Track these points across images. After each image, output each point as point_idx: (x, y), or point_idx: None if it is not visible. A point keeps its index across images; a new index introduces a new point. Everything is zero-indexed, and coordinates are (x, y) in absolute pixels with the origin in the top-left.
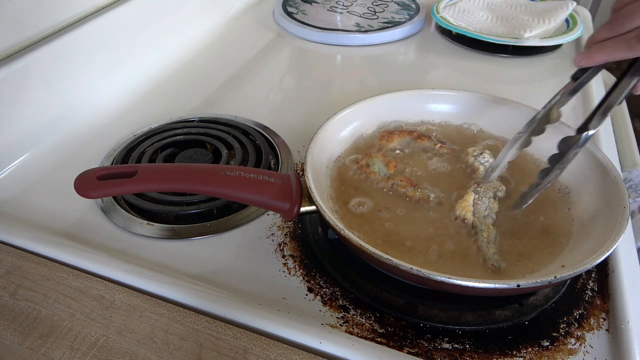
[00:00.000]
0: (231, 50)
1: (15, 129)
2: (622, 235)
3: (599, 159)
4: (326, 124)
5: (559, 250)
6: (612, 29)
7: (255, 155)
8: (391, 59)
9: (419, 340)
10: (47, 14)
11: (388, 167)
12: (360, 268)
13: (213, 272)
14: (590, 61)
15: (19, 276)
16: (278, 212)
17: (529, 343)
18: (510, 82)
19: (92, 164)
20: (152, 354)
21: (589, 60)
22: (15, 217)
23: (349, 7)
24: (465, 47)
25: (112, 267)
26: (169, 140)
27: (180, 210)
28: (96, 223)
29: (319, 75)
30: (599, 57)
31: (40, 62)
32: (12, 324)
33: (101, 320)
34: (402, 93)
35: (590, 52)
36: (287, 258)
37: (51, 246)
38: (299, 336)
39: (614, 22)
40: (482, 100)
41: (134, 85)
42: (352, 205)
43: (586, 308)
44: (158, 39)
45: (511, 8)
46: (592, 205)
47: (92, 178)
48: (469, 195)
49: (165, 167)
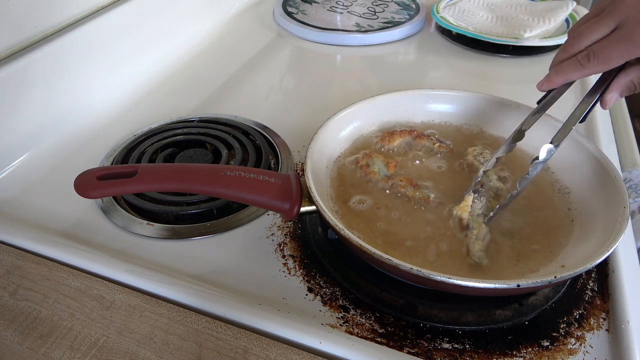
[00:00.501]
0: (231, 50)
1: (15, 129)
2: (622, 235)
3: (599, 159)
4: (326, 124)
5: (559, 250)
6: (566, 51)
7: (255, 155)
8: (391, 59)
9: (419, 340)
10: (47, 14)
11: (388, 167)
12: (360, 268)
13: (213, 272)
14: (550, 84)
15: (19, 276)
16: (278, 212)
17: (529, 343)
18: (510, 82)
19: (92, 164)
20: (152, 354)
21: (549, 83)
22: (15, 217)
23: (349, 7)
24: (465, 47)
25: (112, 267)
26: (169, 140)
27: (180, 210)
28: (96, 223)
29: (319, 75)
30: (557, 79)
31: (40, 62)
32: (12, 324)
33: (101, 320)
34: (402, 93)
35: (549, 75)
36: (287, 258)
37: (51, 246)
38: (299, 336)
39: (567, 44)
40: (482, 100)
41: (134, 85)
42: (352, 205)
43: (586, 308)
44: (158, 39)
45: (511, 8)
46: (592, 205)
47: (92, 178)
48: (469, 197)
49: (165, 167)
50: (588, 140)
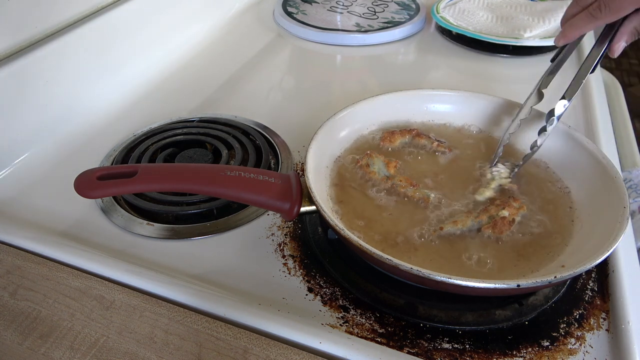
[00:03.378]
0: (231, 50)
1: (15, 129)
2: (622, 235)
3: (599, 159)
4: (326, 124)
5: (559, 250)
6: (577, 5)
7: (255, 155)
8: (391, 59)
9: (419, 340)
10: (47, 14)
11: (388, 167)
12: (360, 268)
13: (213, 272)
14: (566, 39)
15: (19, 276)
16: (278, 212)
17: (529, 343)
18: (510, 82)
19: (92, 164)
20: (152, 354)
21: (565, 38)
22: (15, 217)
23: (349, 7)
24: (465, 47)
25: (112, 267)
26: (169, 140)
27: (180, 210)
28: (96, 223)
29: (319, 75)
30: (572, 33)
31: (40, 62)
32: (12, 324)
33: (101, 320)
34: (402, 93)
35: (564, 30)
36: (287, 258)
37: (51, 246)
38: (299, 336)
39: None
40: (482, 100)
41: (134, 85)
42: (352, 205)
43: (586, 308)
44: (158, 38)
45: (511, 8)
46: (592, 205)
47: (92, 178)
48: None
49: (165, 167)
50: (588, 141)
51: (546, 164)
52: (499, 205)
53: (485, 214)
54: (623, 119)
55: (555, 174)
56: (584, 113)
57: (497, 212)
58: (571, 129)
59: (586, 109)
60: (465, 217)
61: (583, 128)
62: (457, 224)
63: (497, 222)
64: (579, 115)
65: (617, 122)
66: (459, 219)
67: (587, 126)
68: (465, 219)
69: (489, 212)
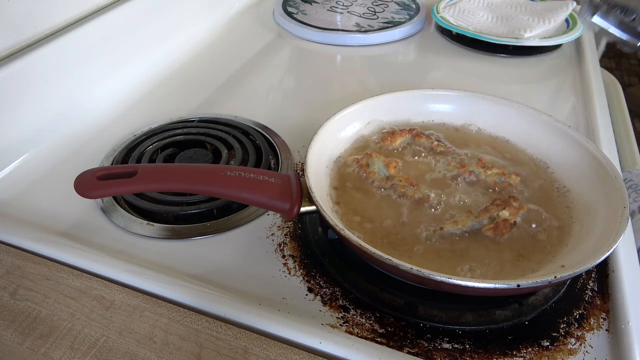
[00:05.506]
0: (231, 50)
1: (15, 129)
2: (622, 235)
3: (599, 159)
4: (326, 124)
5: (558, 250)
6: None
7: (255, 155)
8: (391, 59)
9: (419, 340)
10: (47, 14)
11: (388, 167)
12: (360, 268)
13: (213, 272)
14: None
15: (19, 276)
16: (278, 212)
17: (529, 343)
18: (510, 82)
19: (92, 164)
20: (152, 354)
21: None
22: (15, 217)
23: (349, 7)
24: (465, 47)
25: (112, 267)
26: (169, 140)
27: (180, 210)
28: (96, 223)
29: (319, 75)
30: None
31: (40, 62)
32: (12, 324)
33: (101, 320)
34: (402, 93)
35: None
36: (287, 258)
37: (51, 246)
38: (299, 336)
39: None
40: (482, 100)
41: (134, 85)
42: (352, 205)
43: (586, 308)
44: (158, 38)
45: (511, 8)
46: (592, 205)
47: (92, 178)
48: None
49: (165, 167)
50: (588, 140)
51: (546, 164)
52: (499, 205)
53: (486, 213)
54: (623, 119)
55: (555, 173)
56: (584, 113)
57: (498, 212)
58: (571, 129)
59: (586, 109)
60: (465, 217)
61: (583, 128)
62: (458, 224)
63: (499, 225)
64: (579, 115)
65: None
66: (459, 218)
67: (587, 126)
68: (466, 219)
69: (489, 211)
